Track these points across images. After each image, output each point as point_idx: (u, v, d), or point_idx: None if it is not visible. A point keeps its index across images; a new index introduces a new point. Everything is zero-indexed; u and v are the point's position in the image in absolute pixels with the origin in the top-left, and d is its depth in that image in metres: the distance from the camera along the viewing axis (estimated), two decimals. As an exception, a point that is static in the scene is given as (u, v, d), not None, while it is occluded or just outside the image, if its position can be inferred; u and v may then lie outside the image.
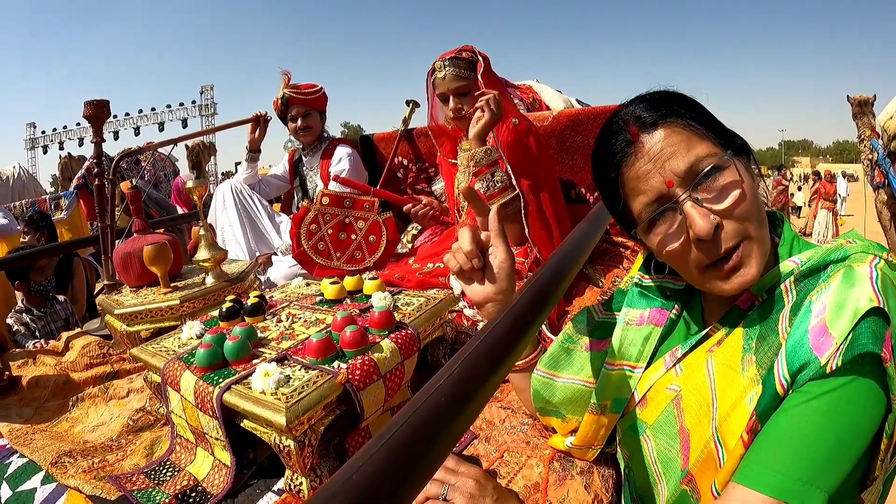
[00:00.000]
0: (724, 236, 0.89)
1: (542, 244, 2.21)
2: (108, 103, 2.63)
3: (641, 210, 0.94)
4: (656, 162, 0.91)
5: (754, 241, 0.90)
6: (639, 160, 0.93)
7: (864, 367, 0.76)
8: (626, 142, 0.95)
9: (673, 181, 0.90)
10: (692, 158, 0.89)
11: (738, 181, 0.89)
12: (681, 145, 0.90)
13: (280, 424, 1.18)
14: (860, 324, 0.77)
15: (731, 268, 0.90)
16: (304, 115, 3.18)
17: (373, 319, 1.52)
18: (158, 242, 2.13)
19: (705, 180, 0.89)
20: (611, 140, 0.98)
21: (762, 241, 0.92)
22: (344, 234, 2.49)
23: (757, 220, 0.91)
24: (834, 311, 0.79)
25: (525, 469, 1.28)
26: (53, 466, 1.47)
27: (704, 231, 0.87)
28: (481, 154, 2.12)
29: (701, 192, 0.89)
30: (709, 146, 0.91)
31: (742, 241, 0.90)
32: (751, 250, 0.91)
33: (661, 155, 0.90)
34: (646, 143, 0.92)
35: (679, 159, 0.90)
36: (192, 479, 1.39)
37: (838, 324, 0.78)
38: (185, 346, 1.59)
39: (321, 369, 1.33)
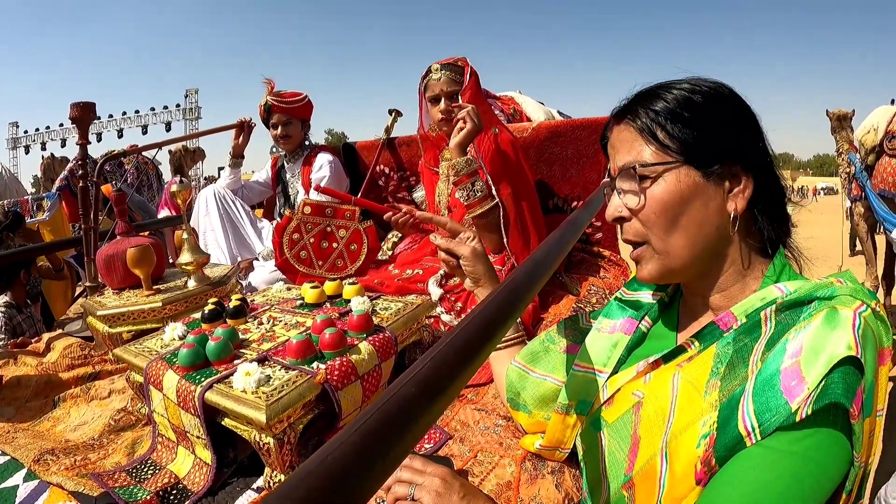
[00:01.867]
0: (626, 228, 1.00)
1: (520, 252, 2.25)
2: (94, 106, 2.65)
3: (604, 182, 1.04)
4: (613, 149, 1.02)
5: (652, 249, 0.97)
6: (610, 143, 1.04)
7: (832, 418, 0.74)
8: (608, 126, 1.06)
9: (616, 170, 0.99)
10: (628, 159, 0.97)
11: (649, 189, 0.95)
12: (626, 144, 0.98)
13: (260, 422, 1.22)
14: (833, 371, 0.74)
15: (634, 259, 1.01)
16: (285, 124, 3.21)
17: (351, 322, 1.57)
18: (142, 245, 2.16)
19: (627, 178, 0.97)
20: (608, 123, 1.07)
21: (665, 252, 0.96)
22: (326, 243, 2.52)
23: (663, 230, 0.95)
24: (810, 354, 0.76)
25: (497, 468, 1.31)
26: (36, 464, 1.49)
27: (607, 215, 1.01)
28: (462, 164, 2.16)
29: (625, 184, 0.98)
30: (651, 151, 0.95)
31: (644, 243, 0.98)
32: (646, 255, 0.99)
33: (616, 146, 1.01)
34: (614, 132, 1.02)
35: (622, 155, 0.99)
36: (173, 476, 1.43)
37: (813, 369, 0.74)
38: (167, 346, 1.62)
39: (301, 369, 1.38)
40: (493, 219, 2.21)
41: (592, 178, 2.84)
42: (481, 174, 2.19)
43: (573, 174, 2.88)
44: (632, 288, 1.21)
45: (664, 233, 0.95)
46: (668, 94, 0.96)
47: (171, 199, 4.24)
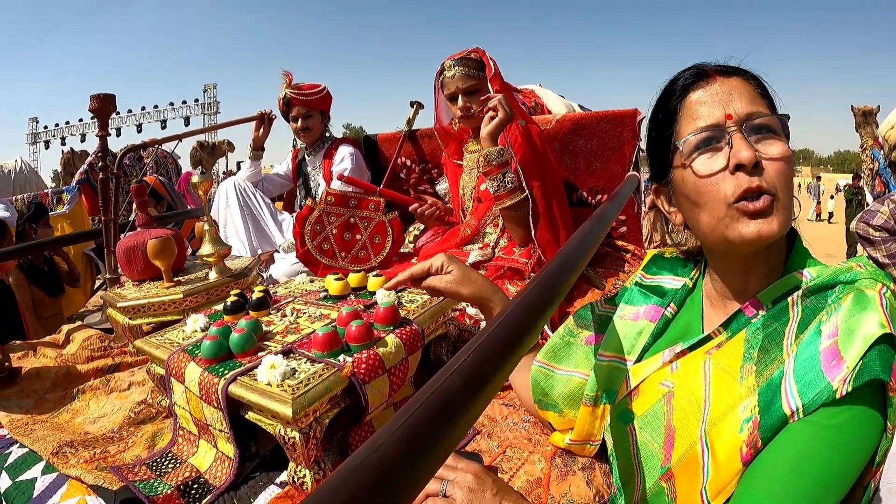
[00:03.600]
0: (760, 174, 0.90)
1: (548, 245, 2.21)
2: (114, 97, 2.63)
3: (692, 132, 0.95)
4: (723, 96, 0.94)
5: (781, 206, 0.90)
6: (708, 90, 0.96)
7: (870, 394, 0.78)
8: (701, 74, 0.98)
9: (732, 116, 0.92)
10: (756, 109, 0.93)
11: (786, 147, 0.92)
12: (749, 96, 0.94)
13: (286, 416, 1.18)
14: (870, 350, 0.77)
15: (757, 210, 0.89)
16: (305, 116, 3.17)
17: (378, 315, 1.52)
18: (162, 236, 2.13)
19: (760, 129, 0.92)
20: (685, 73, 1.02)
21: (787, 213, 0.92)
22: (349, 234, 2.48)
23: (788, 194, 0.92)
24: (846, 335, 0.80)
25: (527, 465, 1.28)
26: (54, 456, 1.46)
27: (747, 157, 0.88)
28: (494, 154, 2.12)
29: (752, 135, 0.92)
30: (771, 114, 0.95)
31: (773, 195, 0.90)
32: (778, 209, 0.90)
33: (729, 93, 0.94)
34: (719, 81, 0.96)
35: (744, 104, 0.93)
36: (195, 470, 1.39)
37: (851, 348, 0.78)
38: (189, 338, 1.58)
39: (327, 362, 1.33)
40: (521, 212, 2.17)
41: (617, 172, 2.78)
42: (512, 165, 2.15)
43: (597, 167, 2.82)
44: (651, 272, 1.21)
45: (790, 187, 0.93)
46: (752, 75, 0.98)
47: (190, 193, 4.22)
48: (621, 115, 2.70)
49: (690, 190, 0.96)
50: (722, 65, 0.99)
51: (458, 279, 1.41)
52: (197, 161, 5.91)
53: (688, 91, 0.98)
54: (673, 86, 1.02)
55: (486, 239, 2.44)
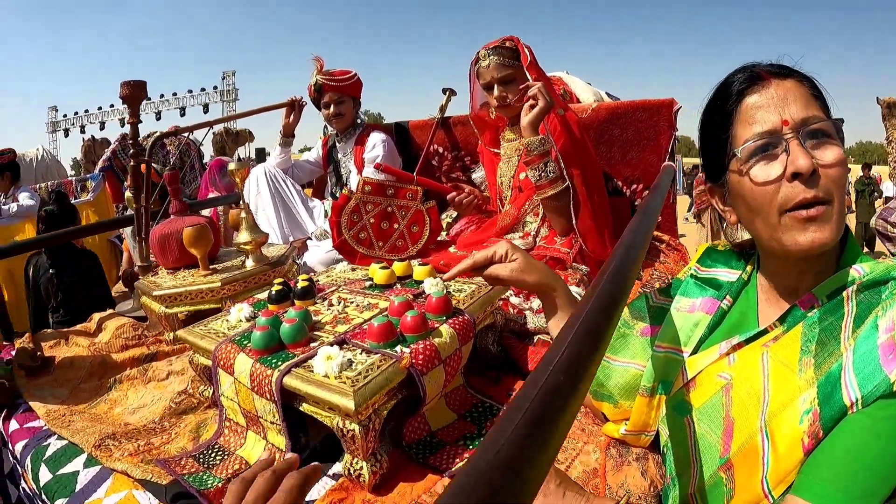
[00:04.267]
0: (816, 182, 0.90)
1: (589, 234, 2.17)
2: (144, 84, 2.58)
3: (749, 138, 0.95)
4: (778, 101, 0.94)
5: (835, 213, 0.91)
6: (763, 94, 0.96)
7: None
8: (755, 77, 0.98)
9: (789, 122, 0.92)
10: (811, 113, 0.93)
11: (841, 152, 0.92)
12: (804, 99, 0.94)
13: (348, 408, 1.14)
14: None
15: (811, 217, 0.90)
16: (337, 102, 3.12)
17: (430, 305, 1.48)
18: (199, 224, 2.08)
19: (815, 134, 0.92)
20: (737, 75, 1.01)
21: (840, 218, 0.93)
22: (386, 224, 2.42)
23: (841, 199, 0.92)
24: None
25: (582, 455, 1.26)
26: (97, 449, 1.42)
27: (805, 166, 0.88)
28: (536, 143, 2.07)
29: (808, 141, 0.91)
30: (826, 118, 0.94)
31: (828, 203, 0.91)
32: (831, 216, 0.91)
33: (785, 98, 0.94)
34: (774, 84, 0.96)
35: (799, 108, 0.93)
36: (244, 462, 1.34)
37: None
38: (234, 328, 1.53)
39: (384, 353, 1.29)
40: (563, 201, 2.13)
41: (653, 162, 2.74)
42: (552, 154, 2.10)
43: (633, 157, 2.78)
44: (705, 264, 1.22)
45: (843, 193, 0.93)
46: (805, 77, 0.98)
47: (219, 180, 4.18)
48: (658, 105, 2.66)
49: (747, 195, 0.97)
50: (776, 65, 0.99)
51: (523, 267, 1.36)
52: (220, 148, 5.89)
53: (743, 95, 0.98)
54: (727, 88, 1.01)
55: (527, 228, 2.40)
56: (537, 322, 1.83)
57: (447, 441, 1.37)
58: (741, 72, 1.01)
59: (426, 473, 1.26)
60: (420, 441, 1.36)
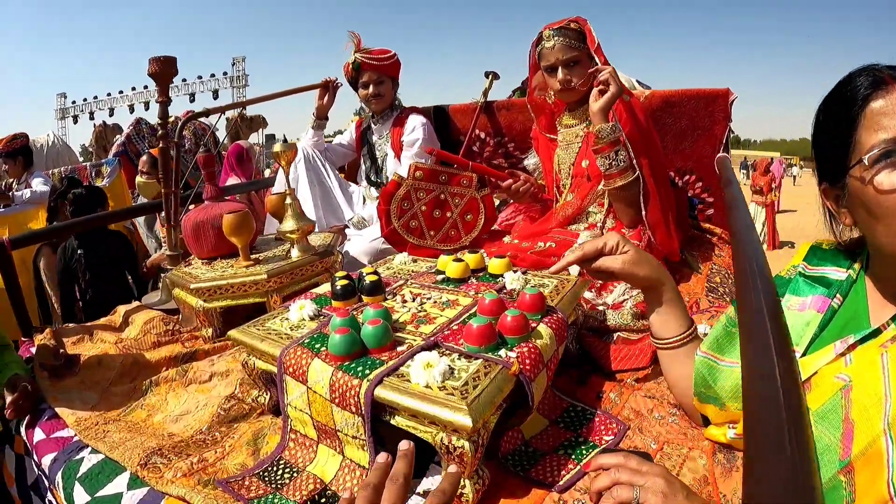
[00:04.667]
0: None
1: (658, 227, 2.04)
2: (174, 60, 2.39)
3: (875, 145, 0.93)
4: None
5: None
6: (888, 100, 0.94)
7: None
8: (878, 81, 0.95)
9: None
10: None
11: None
12: None
13: (463, 425, 0.97)
14: None
15: None
16: (377, 82, 2.93)
17: (524, 303, 1.31)
18: (240, 210, 1.89)
19: None
20: (858, 79, 0.98)
21: None
22: (439, 212, 2.24)
23: None
24: None
25: (689, 461, 1.18)
26: (144, 468, 1.23)
27: None
28: (607, 130, 1.94)
29: None
30: None
31: None
32: None
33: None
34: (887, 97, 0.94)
35: None
36: (318, 481, 1.16)
37: None
38: (297, 328, 1.34)
39: (487, 358, 1.12)
40: (632, 192, 2.01)
41: (706, 153, 2.64)
42: (622, 143, 1.97)
43: (686, 147, 2.68)
44: (813, 263, 1.19)
45: None
46: None
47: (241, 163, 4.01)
48: (713, 95, 2.56)
49: (870, 202, 0.95)
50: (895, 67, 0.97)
51: (635, 259, 1.31)
52: (235, 133, 5.74)
53: (868, 100, 0.96)
54: (850, 91, 0.99)
55: (591, 219, 2.24)
56: (617, 319, 1.69)
57: (544, 450, 1.22)
58: (862, 74, 0.99)
59: (530, 488, 1.12)
60: (515, 451, 1.21)
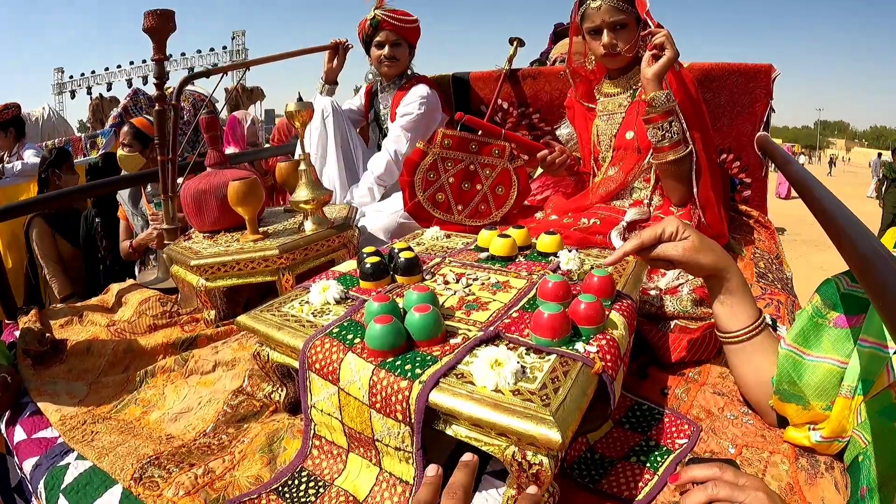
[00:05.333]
0: None
1: (709, 206, 1.90)
2: (172, 14, 2.17)
3: None
4: None
5: None
6: None
7: None
8: None
9: None
10: None
11: None
12: None
13: (549, 441, 0.77)
14: None
15: None
16: (394, 44, 2.71)
17: (591, 286, 1.11)
18: (248, 178, 1.68)
19: None
20: None
21: None
22: (468, 184, 2.03)
23: None
24: None
25: (770, 467, 1.06)
26: (139, 484, 1.02)
27: None
28: (662, 98, 1.80)
29: None
30: None
31: None
32: None
33: None
34: None
35: None
36: (351, 498, 0.96)
37: None
38: (320, 313, 1.13)
39: (563, 353, 0.92)
40: (684, 167, 1.87)
41: (746, 130, 2.56)
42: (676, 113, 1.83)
43: (725, 124, 2.58)
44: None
45: None
46: None
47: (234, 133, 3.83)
48: (755, 70, 2.49)
49: None
50: None
51: (697, 246, 1.20)
52: (234, 104, 5.55)
53: None
54: None
55: (636, 195, 2.07)
56: (676, 305, 1.51)
57: (613, 457, 1.06)
58: None
59: (603, 502, 0.97)
60: (581, 459, 1.05)
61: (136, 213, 3.13)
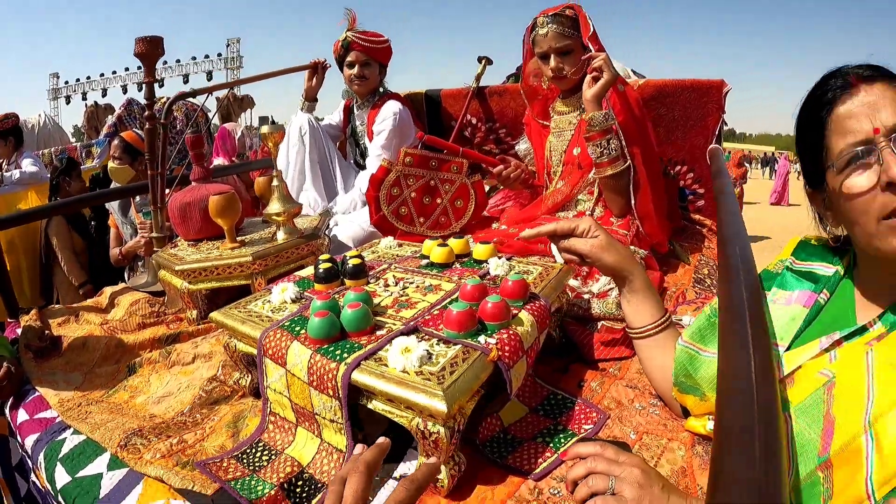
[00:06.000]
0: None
1: (647, 217, 2.04)
2: (161, 41, 2.36)
3: (843, 149, 0.95)
4: (869, 108, 0.93)
5: None
6: (853, 102, 0.95)
7: None
8: (845, 85, 0.97)
9: (880, 129, 0.91)
10: None
11: None
12: (894, 103, 0.92)
13: (438, 411, 0.97)
14: None
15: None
16: (363, 64, 2.88)
17: (506, 289, 1.30)
18: (226, 192, 1.89)
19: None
20: (829, 82, 1.00)
21: None
22: (428, 198, 2.23)
23: None
24: None
25: (667, 453, 1.18)
26: (123, 449, 1.23)
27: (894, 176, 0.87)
28: (599, 118, 1.94)
29: None
30: None
31: None
32: None
33: (874, 104, 0.93)
34: (863, 90, 0.95)
35: (890, 113, 0.91)
36: (296, 464, 1.16)
37: None
38: (278, 311, 1.34)
39: (466, 344, 1.12)
40: (623, 181, 2.01)
41: (698, 143, 2.63)
42: (614, 131, 1.98)
43: (678, 137, 2.67)
44: (801, 258, 1.19)
45: None
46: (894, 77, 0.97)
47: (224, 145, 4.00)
48: (707, 86, 2.55)
49: (843, 206, 0.97)
50: (864, 67, 0.98)
51: (604, 245, 1.36)
52: (226, 114, 5.71)
53: (834, 103, 0.98)
54: (819, 96, 1.01)
55: (580, 207, 2.24)
56: (601, 307, 1.68)
57: (523, 438, 1.23)
58: (831, 77, 1.01)
59: (506, 475, 1.13)
60: (493, 439, 1.22)
61: (126, 221, 3.32)
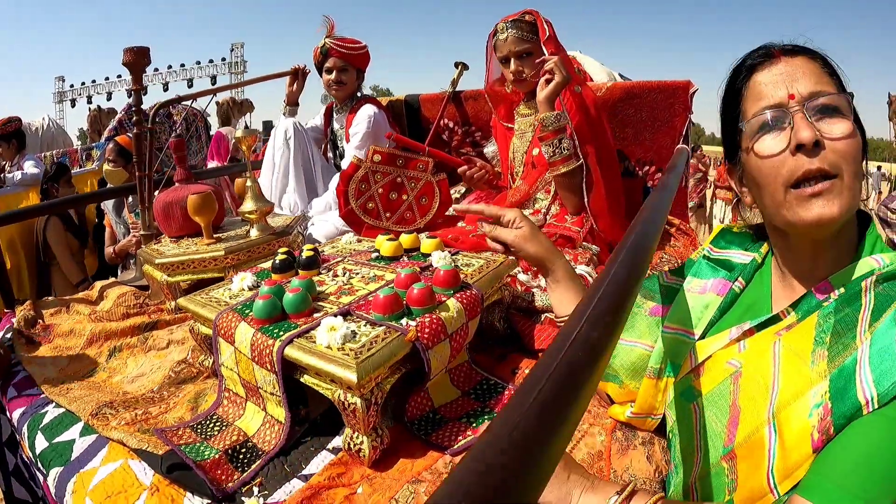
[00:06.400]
0: (821, 155, 0.88)
1: (601, 214, 2.14)
2: (147, 51, 2.53)
3: (756, 113, 0.95)
4: (786, 77, 0.94)
5: (845, 188, 0.88)
6: (772, 70, 0.96)
7: None
8: (767, 55, 0.98)
9: (795, 96, 0.91)
10: (819, 88, 0.91)
11: (850, 127, 0.90)
12: (814, 75, 0.93)
13: (350, 381, 1.10)
14: None
15: (817, 192, 0.88)
16: (341, 70, 2.99)
17: (438, 278, 1.43)
18: (203, 192, 2.04)
19: (823, 109, 0.90)
20: (752, 54, 1.01)
21: (852, 194, 0.89)
22: (395, 194, 2.37)
23: (854, 175, 0.90)
24: None
25: (587, 437, 1.24)
26: (94, 418, 1.39)
27: (808, 138, 0.87)
28: (551, 119, 2.04)
29: (814, 115, 0.90)
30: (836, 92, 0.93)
31: (835, 177, 0.88)
32: (840, 191, 0.88)
33: (793, 74, 0.93)
34: (783, 61, 0.95)
35: (807, 83, 0.92)
36: (242, 434, 1.31)
37: None
38: (236, 297, 1.49)
39: (389, 326, 1.25)
40: (576, 179, 2.10)
41: (666, 144, 2.69)
42: (568, 131, 2.07)
43: (646, 138, 2.73)
44: (719, 246, 1.20)
45: (855, 168, 0.90)
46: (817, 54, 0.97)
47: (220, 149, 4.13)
48: (674, 87, 2.60)
49: (754, 170, 0.97)
50: (788, 44, 0.99)
51: (527, 236, 1.40)
52: (225, 118, 5.84)
53: (753, 71, 0.99)
54: (740, 66, 1.02)
55: (537, 205, 2.36)
56: (545, 300, 1.78)
57: (450, 418, 1.34)
58: (755, 51, 1.01)
59: (428, 450, 1.25)
60: (422, 417, 1.34)
61: (119, 221, 3.48)
